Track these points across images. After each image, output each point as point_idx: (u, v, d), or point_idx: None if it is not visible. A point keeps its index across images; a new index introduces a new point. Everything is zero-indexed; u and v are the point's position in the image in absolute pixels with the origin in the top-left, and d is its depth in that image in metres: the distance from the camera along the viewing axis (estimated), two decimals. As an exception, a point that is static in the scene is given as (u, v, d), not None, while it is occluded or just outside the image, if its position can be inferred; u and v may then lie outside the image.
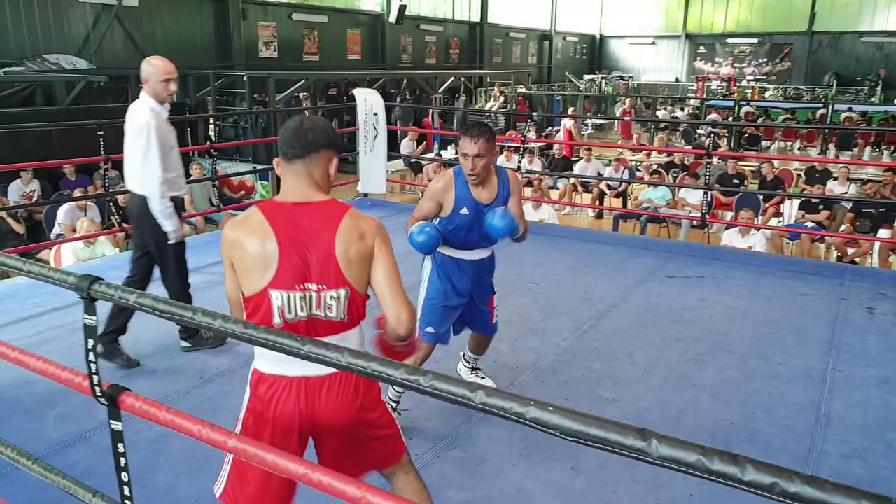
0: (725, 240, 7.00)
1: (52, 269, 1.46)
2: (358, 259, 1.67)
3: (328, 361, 1.10)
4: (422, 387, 1.03)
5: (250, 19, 16.70)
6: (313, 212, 1.67)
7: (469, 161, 2.59)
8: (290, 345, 1.13)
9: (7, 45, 12.03)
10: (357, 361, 1.08)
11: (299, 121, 1.75)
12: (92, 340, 1.40)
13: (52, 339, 3.66)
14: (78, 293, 1.38)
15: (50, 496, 2.29)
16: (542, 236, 6.01)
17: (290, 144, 1.71)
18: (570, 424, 0.94)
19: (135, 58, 13.99)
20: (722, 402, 3.16)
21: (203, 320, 1.21)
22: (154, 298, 1.30)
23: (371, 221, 1.73)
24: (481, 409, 1.00)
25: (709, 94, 23.37)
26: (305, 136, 1.71)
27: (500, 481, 2.55)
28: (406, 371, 1.05)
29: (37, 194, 8.31)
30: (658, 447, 0.88)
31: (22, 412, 2.93)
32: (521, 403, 0.97)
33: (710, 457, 0.85)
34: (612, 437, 0.91)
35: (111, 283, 1.37)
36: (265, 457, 1.22)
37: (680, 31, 30.46)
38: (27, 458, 1.68)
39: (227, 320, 1.20)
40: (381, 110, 6.85)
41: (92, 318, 1.39)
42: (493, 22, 25.74)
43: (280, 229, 1.63)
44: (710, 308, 4.32)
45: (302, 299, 1.63)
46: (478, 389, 1.00)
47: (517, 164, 8.06)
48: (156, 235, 3.39)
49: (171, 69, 3.31)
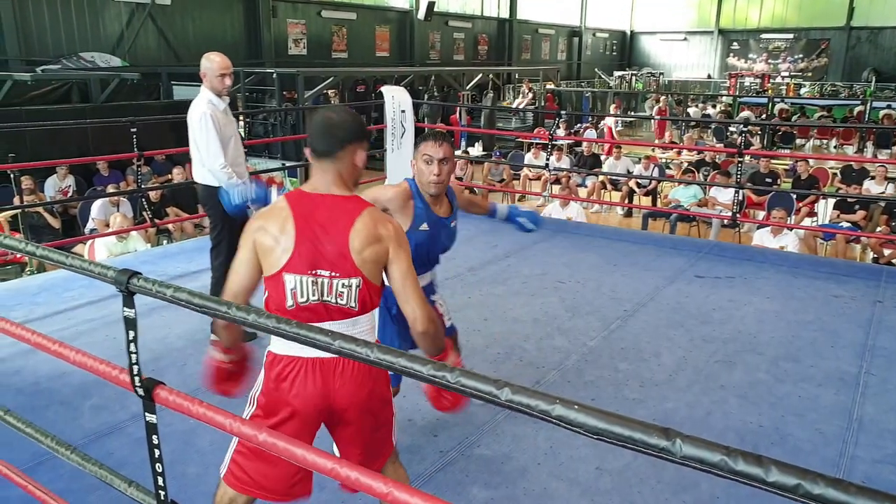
0: (757, 240, 6.89)
1: (93, 263, 1.50)
2: (372, 259, 1.72)
3: (358, 356, 1.11)
4: (449, 383, 1.04)
5: (280, 17, 16.86)
6: (334, 206, 1.73)
7: (435, 166, 2.39)
8: (322, 340, 1.15)
9: (45, 43, 12.31)
10: (386, 357, 1.10)
11: (327, 116, 1.78)
12: (132, 332, 1.43)
13: (87, 332, 3.74)
14: (117, 287, 1.42)
15: (86, 483, 2.36)
16: (570, 235, 5.98)
17: (319, 142, 1.76)
18: (595, 423, 0.94)
19: (167, 55, 14.26)
20: (751, 404, 3.12)
21: (237, 315, 1.23)
22: (190, 293, 1.32)
23: (389, 225, 1.77)
24: (507, 406, 1.01)
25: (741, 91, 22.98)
26: (334, 133, 1.75)
27: (525, 480, 2.55)
28: (433, 367, 1.06)
29: (72, 189, 8.50)
30: (682, 447, 0.88)
31: (58, 402, 3.01)
32: (547, 401, 0.98)
33: (734, 457, 0.85)
34: (636, 436, 0.91)
35: (149, 278, 1.41)
36: (294, 451, 1.24)
37: (712, 26, 30.00)
38: (66, 447, 1.73)
39: (261, 315, 1.22)
40: (408, 108, 6.88)
41: (131, 311, 1.42)
42: (522, 18, 25.62)
43: (299, 217, 1.70)
44: (740, 309, 4.26)
45: (314, 284, 1.69)
46: (504, 386, 1.01)
47: (545, 161, 8.03)
48: (222, 218, 3.63)
49: (226, 65, 3.57)
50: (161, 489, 1.51)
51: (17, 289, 4.56)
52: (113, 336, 3.66)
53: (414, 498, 1.11)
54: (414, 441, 2.77)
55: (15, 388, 3.09)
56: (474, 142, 14.22)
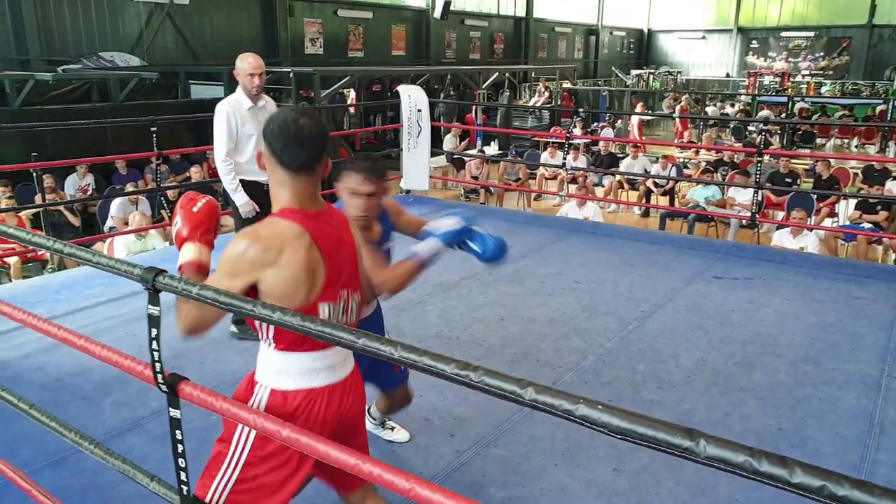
0: (776, 240, 6.82)
1: (120, 260, 1.52)
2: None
3: (381, 354, 1.12)
4: (472, 382, 1.04)
5: (296, 16, 16.93)
6: (333, 218, 1.65)
7: (362, 200, 2.16)
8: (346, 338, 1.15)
9: (66, 43, 12.46)
10: (409, 356, 1.10)
11: (301, 125, 1.54)
12: (155, 329, 1.45)
13: (108, 329, 3.78)
14: (144, 284, 1.44)
15: (106, 480, 2.39)
16: (587, 234, 5.96)
17: (295, 155, 1.55)
18: (619, 422, 0.95)
19: (185, 55, 14.37)
20: (770, 406, 3.10)
21: (262, 312, 1.24)
22: (215, 290, 1.34)
23: None
24: (531, 405, 1.01)
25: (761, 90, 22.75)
26: (313, 145, 1.56)
27: (543, 480, 2.54)
28: (457, 366, 1.06)
29: (91, 188, 8.61)
30: (706, 447, 0.89)
31: (80, 399, 3.04)
32: (571, 401, 0.98)
33: (758, 458, 0.85)
34: (660, 436, 0.91)
35: (174, 276, 1.42)
36: (318, 447, 1.25)
37: (731, 24, 29.73)
38: (89, 441, 1.76)
39: (286, 313, 1.24)
40: (424, 107, 6.88)
41: (156, 308, 1.44)
42: (538, 16, 25.54)
43: (321, 240, 1.57)
44: (760, 310, 4.22)
45: (341, 308, 1.65)
46: (528, 386, 1.01)
47: (562, 160, 8.00)
48: (235, 213, 3.83)
49: (255, 65, 3.71)
50: (184, 484, 1.53)
51: (40, 286, 4.62)
52: (133, 333, 3.70)
53: (436, 494, 1.11)
54: (431, 441, 2.77)
55: (38, 383, 3.14)
56: (490, 141, 14.21)
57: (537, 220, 6.70)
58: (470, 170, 10.90)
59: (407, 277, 2.15)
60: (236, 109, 3.70)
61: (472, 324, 3.93)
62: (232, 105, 3.71)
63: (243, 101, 3.74)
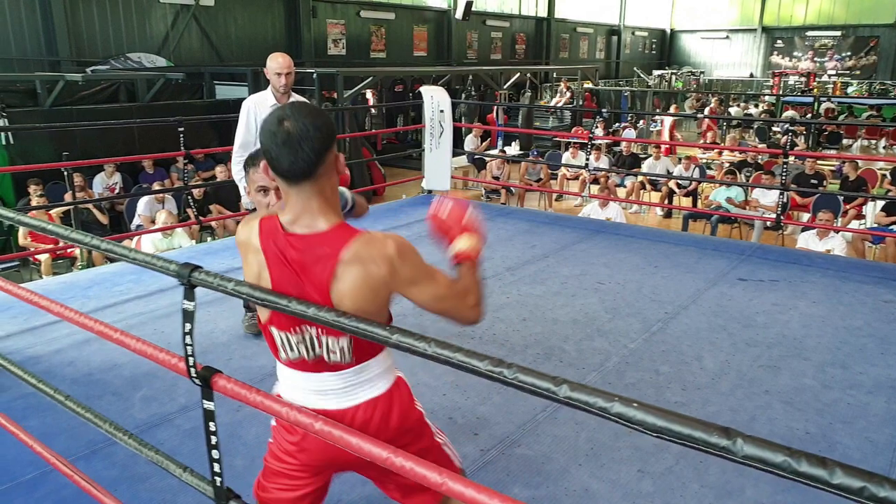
0: (801, 242, 6.74)
1: (157, 256, 1.56)
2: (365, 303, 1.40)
3: (415, 350, 1.14)
4: (506, 378, 1.05)
5: (320, 17, 17.05)
6: (310, 247, 1.38)
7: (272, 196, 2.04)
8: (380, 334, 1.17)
9: (94, 45, 12.68)
10: (443, 352, 1.11)
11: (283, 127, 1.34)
12: (189, 324, 1.48)
13: (137, 326, 3.85)
14: (179, 280, 1.47)
15: (138, 472, 2.44)
16: (610, 235, 5.94)
17: (285, 163, 1.34)
18: (655, 420, 0.95)
19: (210, 55, 14.54)
20: (797, 410, 3.07)
21: (297, 308, 1.26)
22: (251, 286, 1.36)
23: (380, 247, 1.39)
24: (565, 402, 1.02)
25: (786, 90, 22.47)
26: (302, 147, 1.33)
27: (566, 480, 2.55)
28: (490, 363, 1.07)
29: (118, 186, 8.75)
30: (743, 446, 0.88)
31: (110, 393, 3.10)
32: (606, 398, 0.99)
33: (797, 458, 0.85)
34: (696, 435, 0.92)
35: (210, 272, 1.45)
36: (350, 440, 1.27)
37: (756, 24, 29.39)
38: (123, 432, 1.79)
39: (321, 309, 1.25)
40: (447, 107, 6.90)
41: (191, 303, 1.47)
42: (560, 17, 25.47)
43: (273, 264, 1.41)
44: (785, 313, 4.18)
45: (300, 342, 1.45)
46: (563, 383, 1.02)
47: (584, 161, 7.98)
48: None
49: (282, 65, 3.80)
50: (217, 475, 1.56)
51: (71, 282, 4.71)
52: (161, 330, 3.76)
53: (468, 489, 1.13)
54: (454, 440, 2.77)
55: (70, 378, 3.20)
56: (511, 141, 14.20)
57: (559, 221, 6.68)
58: (491, 170, 10.90)
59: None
60: (259, 105, 3.84)
61: (495, 323, 3.94)
62: (256, 101, 3.86)
63: (268, 98, 3.86)
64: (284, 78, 3.79)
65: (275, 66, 3.80)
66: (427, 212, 1.58)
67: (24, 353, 3.46)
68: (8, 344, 3.57)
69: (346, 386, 1.49)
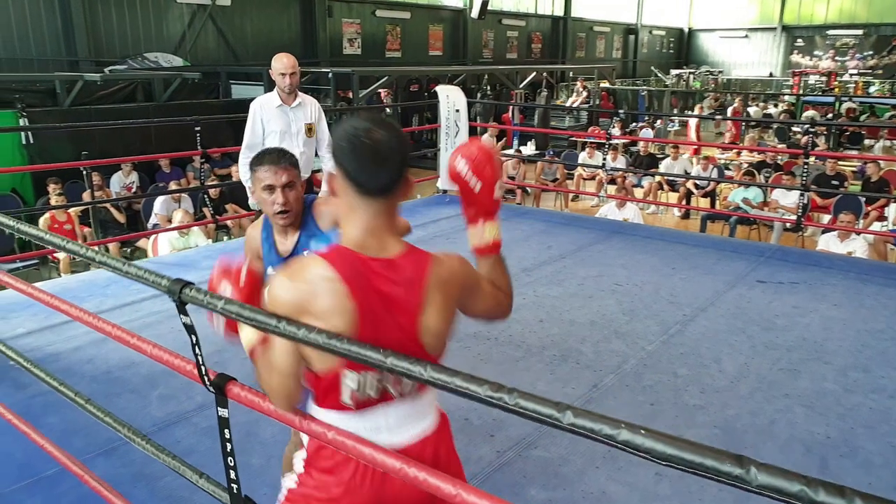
0: (822, 244, 6.65)
1: (148, 271, 1.53)
2: (445, 324, 1.35)
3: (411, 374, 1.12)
4: (507, 405, 1.03)
5: (335, 16, 17.11)
6: (396, 270, 1.29)
7: (279, 194, 1.96)
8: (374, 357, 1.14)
9: (112, 45, 12.80)
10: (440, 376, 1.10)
11: (375, 137, 1.26)
12: (194, 336, 1.47)
13: (153, 324, 3.87)
14: (171, 297, 1.46)
15: (155, 471, 2.45)
16: (627, 236, 5.89)
17: (373, 174, 1.26)
18: (663, 448, 0.92)
19: (226, 55, 14.63)
20: (817, 414, 3.02)
21: (287, 330, 1.21)
22: (240, 306, 1.34)
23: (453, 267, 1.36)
24: (570, 430, 1.00)
25: (806, 90, 22.20)
26: (393, 159, 1.27)
27: (583, 483, 2.53)
28: (490, 388, 1.05)
29: (135, 185, 8.82)
30: (757, 475, 0.86)
31: (128, 391, 3.12)
32: (612, 426, 0.96)
33: (814, 488, 0.82)
34: (707, 463, 0.89)
35: (200, 289, 1.44)
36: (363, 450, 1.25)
37: (776, 22, 29.08)
38: (140, 436, 1.80)
39: (311, 330, 1.19)
40: (463, 107, 6.89)
41: (187, 317, 1.47)
42: (576, 16, 25.36)
43: (358, 295, 1.25)
44: (805, 316, 4.12)
45: (379, 379, 1.32)
46: (566, 409, 1.00)
47: (601, 161, 7.93)
48: None
49: (287, 65, 3.84)
50: (234, 482, 1.55)
51: (89, 280, 4.75)
52: (178, 328, 3.75)
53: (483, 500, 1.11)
54: (471, 441, 2.77)
55: (89, 376, 3.23)
56: (527, 140, 14.15)
57: (575, 221, 6.65)
58: (506, 170, 10.86)
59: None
60: (265, 106, 3.87)
61: (511, 325, 3.92)
62: (262, 102, 3.89)
63: (274, 99, 3.89)
64: (289, 78, 3.81)
65: (279, 67, 3.81)
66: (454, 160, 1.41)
67: (44, 350, 3.50)
68: (29, 341, 3.60)
69: (407, 418, 1.38)
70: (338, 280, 1.24)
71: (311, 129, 4.01)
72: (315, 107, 4.06)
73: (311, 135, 3.99)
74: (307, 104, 4.00)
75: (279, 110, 3.91)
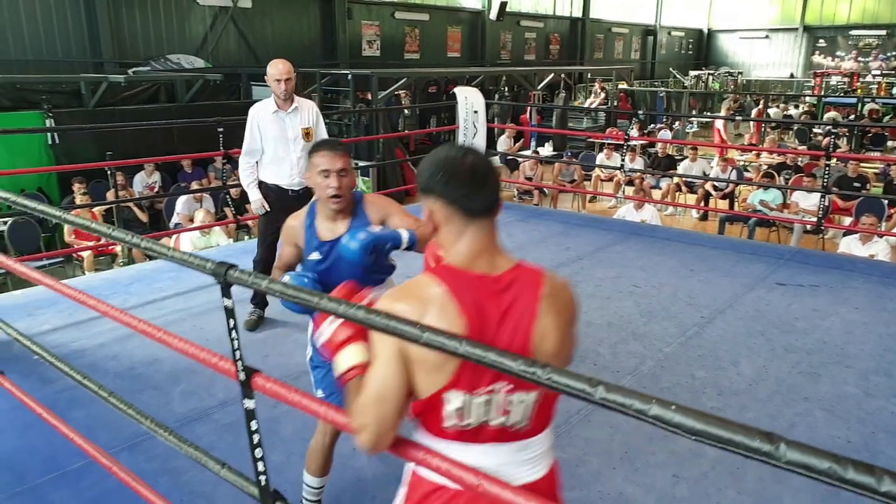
0: (843, 247, 6.58)
1: (193, 255, 1.58)
2: (560, 344, 1.31)
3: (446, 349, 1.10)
4: (540, 378, 1.03)
5: (355, 18, 17.18)
6: (507, 286, 1.28)
7: (333, 178, 2.10)
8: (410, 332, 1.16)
9: (136, 46, 12.97)
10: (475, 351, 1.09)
11: (468, 162, 1.31)
12: (232, 321, 1.50)
13: (177, 322, 3.93)
14: (216, 278, 1.49)
15: (178, 465, 2.50)
16: (645, 238, 5.87)
17: (476, 196, 1.29)
18: (694, 424, 0.92)
19: (247, 57, 14.76)
20: (838, 418, 3.00)
21: (328, 306, 1.26)
22: (284, 284, 1.38)
23: (566, 287, 1.37)
24: (601, 403, 0.99)
25: (828, 91, 21.93)
26: (491, 181, 1.31)
27: (600, 484, 2.53)
28: (525, 362, 1.05)
29: (157, 185, 8.94)
30: (786, 451, 0.85)
31: (151, 387, 3.18)
32: (643, 401, 0.96)
33: (843, 465, 0.83)
34: (737, 439, 0.89)
35: (245, 270, 1.47)
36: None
37: (797, 23, 28.73)
38: (164, 429, 1.84)
39: (351, 306, 1.23)
40: (481, 109, 6.91)
41: (229, 300, 1.50)
42: (594, 17, 25.25)
43: (469, 310, 1.23)
44: (826, 319, 4.09)
45: (486, 403, 1.26)
46: (599, 384, 1.00)
47: (619, 162, 7.91)
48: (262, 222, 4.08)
49: (281, 71, 3.77)
50: (262, 475, 1.58)
51: (113, 279, 4.83)
52: (200, 326, 3.84)
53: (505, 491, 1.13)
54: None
55: (113, 372, 3.29)
56: (544, 141, 14.13)
57: (593, 223, 6.64)
58: (524, 171, 10.86)
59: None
60: (261, 112, 3.85)
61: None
62: (259, 108, 3.87)
63: (269, 105, 3.85)
64: (284, 84, 3.75)
65: (274, 73, 3.75)
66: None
67: (70, 346, 3.57)
68: (55, 337, 3.68)
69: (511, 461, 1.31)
70: (448, 296, 1.23)
71: (309, 133, 3.92)
72: (312, 111, 3.98)
73: (308, 139, 3.90)
74: (303, 109, 3.92)
75: (275, 116, 3.85)
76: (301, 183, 3.86)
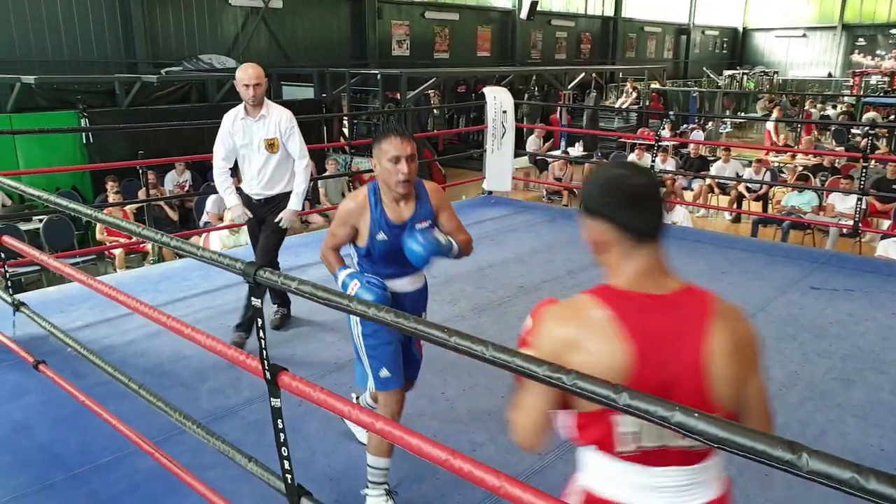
0: (881, 250, 6.42)
1: (223, 255, 1.61)
2: (736, 373, 1.24)
3: (473, 353, 1.12)
4: (565, 385, 1.04)
5: (385, 18, 17.24)
6: (676, 305, 1.24)
7: (403, 164, 2.19)
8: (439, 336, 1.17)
9: (169, 47, 13.19)
10: (501, 356, 1.11)
11: (632, 182, 1.25)
12: (260, 320, 1.51)
13: (204, 319, 3.98)
14: (245, 278, 1.51)
15: (204, 461, 2.53)
16: (675, 240, 5.76)
17: (642, 218, 1.25)
18: (716, 431, 0.92)
19: (277, 56, 14.91)
20: (872, 425, 2.92)
21: (357, 308, 1.27)
22: (313, 285, 1.39)
23: (747, 317, 1.31)
24: (624, 410, 1.00)
25: (867, 91, 21.40)
26: (657, 203, 1.27)
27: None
28: (550, 368, 1.06)
29: (188, 184, 9.08)
30: (809, 461, 0.85)
31: (178, 384, 3.23)
32: (666, 407, 0.96)
33: (865, 476, 0.81)
34: (759, 447, 0.88)
35: (274, 271, 1.49)
36: (410, 440, 1.27)
37: (836, 21, 28.10)
38: (192, 422, 1.86)
39: (380, 309, 1.25)
40: (510, 108, 6.88)
41: (258, 300, 1.51)
42: (627, 16, 25.01)
43: (636, 332, 1.19)
44: (861, 324, 3.99)
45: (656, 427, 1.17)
46: (622, 391, 1.00)
47: (650, 163, 7.81)
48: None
49: (250, 76, 3.59)
50: (288, 472, 1.59)
51: (143, 276, 4.92)
52: (227, 324, 3.88)
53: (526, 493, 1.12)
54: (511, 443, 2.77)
55: (142, 368, 3.34)
56: (575, 142, 14.03)
57: (622, 224, 6.56)
58: (553, 171, 10.80)
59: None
60: (233, 118, 3.68)
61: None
62: (231, 114, 3.69)
63: (239, 112, 3.67)
64: (253, 90, 3.56)
65: (243, 78, 3.56)
66: None
67: (101, 342, 3.63)
68: (87, 333, 3.75)
69: (689, 484, 1.26)
70: (612, 320, 1.20)
71: (273, 144, 3.67)
72: (282, 120, 3.70)
73: (272, 150, 3.67)
74: (271, 117, 3.68)
75: (242, 124, 3.67)
76: (261, 193, 3.74)
